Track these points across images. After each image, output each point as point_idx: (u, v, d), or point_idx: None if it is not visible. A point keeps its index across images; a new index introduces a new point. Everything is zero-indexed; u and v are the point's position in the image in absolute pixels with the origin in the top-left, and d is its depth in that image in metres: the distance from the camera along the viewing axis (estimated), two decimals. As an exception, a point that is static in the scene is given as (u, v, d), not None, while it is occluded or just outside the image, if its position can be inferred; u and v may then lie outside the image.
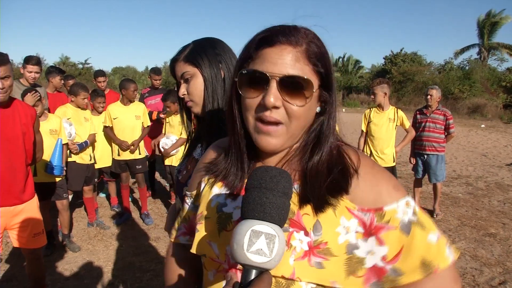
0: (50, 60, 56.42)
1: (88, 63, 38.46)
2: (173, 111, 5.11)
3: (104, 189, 6.38)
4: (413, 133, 5.45)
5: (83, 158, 4.80)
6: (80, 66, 37.84)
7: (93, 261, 4.13)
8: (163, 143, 5.16)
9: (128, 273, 3.86)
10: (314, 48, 0.83)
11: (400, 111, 5.18)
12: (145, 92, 6.59)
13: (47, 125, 4.04)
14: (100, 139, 5.21)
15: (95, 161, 5.11)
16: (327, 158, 0.87)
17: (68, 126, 4.44)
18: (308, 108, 0.83)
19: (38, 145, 3.01)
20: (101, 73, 6.32)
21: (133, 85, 5.18)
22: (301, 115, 0.82)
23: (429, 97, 5.60)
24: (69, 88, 5.02)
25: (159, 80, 6.48)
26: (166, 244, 4.53)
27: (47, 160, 3.88)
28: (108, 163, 5.33)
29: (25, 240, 2.91)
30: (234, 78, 0.88)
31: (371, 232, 0.82)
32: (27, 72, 4.71)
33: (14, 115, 2.74)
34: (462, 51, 34.75)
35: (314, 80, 0.82)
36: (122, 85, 5.24)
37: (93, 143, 5.00)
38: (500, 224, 5.39)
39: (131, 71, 43.82)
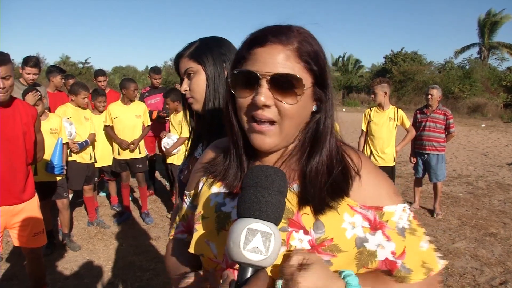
0: (51, 60, 56.53)
1: (88, 63, 38.46)
2: (171, 109, 5.12)
3: (105, 188, 6.38)
4: (413, 132, 5.45)
5: (83, 157, 4.80)
6: (81, 65, 37.81)
7: (93, 260, 4.13)
8: (165, 143, 5.17)
9: (128, 272, 3.86)
10: (306, 46, 0.82)
11: (400, 111, 5.18)
12: (145, 91, 6.60)
13: (48, 124, 4.04)
14: (101, 138, 5.22)
15: (96, 160, 5.12)
16: (327, 158, 0.86)
17: (69, 126, 4.44)
18: (301, 107, 0.82)
19: (39, 145, 3.01)
20: (101, 72, 6.33)
21: (133, 85, 5.18)
22: (293, 113, 0.82)
23: (429, 96, 5.60)
24: (70, 87, 5.01)
25: (158, 79, 6.49)
26: (166, 243, 4.53)
27: (47, 159, 3.88)
28: (108, 162, 5.34)
29: (26, 239, 2.91)
30: (227, 78, 0.88)
31: (376, 226, 0.83)
32: (25, 74, 4.70)
33: (15, 114, 2.74)
34: (462, 50, 34.75)
35: (306, 78, 0.81)
36: (122, 85, 5.25)
37: (93, 143, 5.00)
38: (500, 224, 5.39)
39: (131, 70, 43.80)
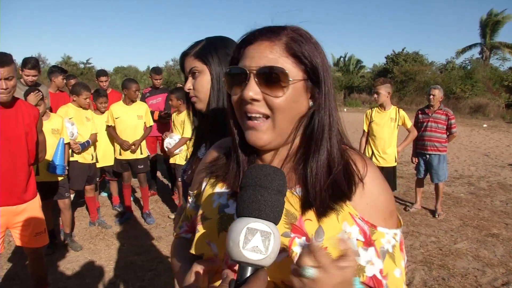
0: (53, 60, 56.53)
1: (90, 63, 38.61)
2: (174, 106, 5.15)
3: (106, 189, 6.39)
4: (415, 132, 5.44)
5: (85, 157, 4.80)
6: (82, 65, 37.93)
7: (94, 260, 4.13)
8: (167, 143, 5.18)
9: (130, 272, 3.87)
10: (296, 41, 0.82)
11: (401, 111, 5.18)
12: (146, 91, 6.61)
13: (49, 124, 4.05)
14: (103, 138, 5.23)
15: (97, 160, 5.13)
16: (327, 158, 0.85)
17: (70, 126, 4.45)
18: (291, 100, 0.82)
19: (41, 145, 3.01)
20: (103, 72, 6.34)
21: (134, 85, 5.19)
22: (283, 107, 0.81)
23: (431, 96, 5.59)
24: (71, 87, 5.01)
25: (159, 79, 6.49)
26: (167, 244, 4.54)
27: (49, 159, 3.89)
28: (110, 162, 5.34)
29: (27, 239, 2.91)
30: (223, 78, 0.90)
31: (370, 242, 0.83)
32: (24, 76, 4.68)
33: (17, 115, 2.75)
34: (464, 50, 34.70)
35: (293, 72, 0.81)
36: (124, 85, 5.26)
37: (95, 143, 5.01)
38: (502, 224, 5.38)
39: (132, 70, 43.88)
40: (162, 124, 6.12)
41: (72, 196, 5.03)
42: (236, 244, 0.65)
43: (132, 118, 5.17)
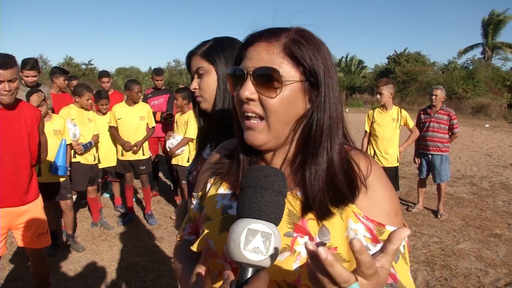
0: (54, 61, 56.54)
1: (91, 64, 38.61)
2: (178, 106, 5.14)
3: (108, 190, 6.40)
4: (417, 133, 5.43)
5: (87, 158, 4.81)
6: (84, 66, 37.98)
7: (97, 261, 4.14)
8: (169, 144, 5.19)
9: (132, 273, 3.87)
10: (296, 43, 0.82)
11: (403, 111, 5.17)
12: (148, 92, 6.61)
13: (51, 125, 4.06)
14: (105, 139, 5.23)
15: (99, 161, 5.13)
16: (327, 161, 0.83)
17: (73, 127, 4.45)
18: (285, 101, 0.81)
19: (43, 146, 3.02)
20: (105, 73, 6.35)
21: (137, 87, 5.19)
22: (277, 108, 0.81)
23: (434, 97, 5.59)
24: (73, 88, 5.02)
25: (161, 80, 6.50)
26: (169, 244, 4.54)
27: (51, 160, 3.90)
28: (112, 163, 5.35)
29: (29, 240, 2.92)
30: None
31: (377, 239, 0.81)
32: (24, 77, 4.68)
33: (19, 116, 2.76)
34: (465, 50, 34.64)
35: (289, 73, 0.80)
36: (126, 86, 5.27)
37: (97, 144, 5.02)
38: (505, 225, 5.37)
39: (134, 71, 43.88)
40: (166, 125, 6.13)
41: (74, 197, 5.04)
42: (237, 245, 0.65)
43: (134, 119, 5.18)
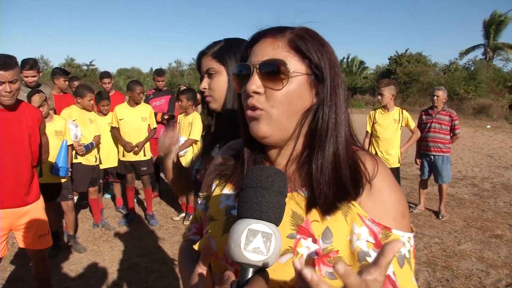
0: (56, 62, 56.63)
1: (93, 65, 38.68)
2: (182, 107, 5.12)
3: (110, 190, 6.40)
4: (418, 133, 5.43)
5: (88, 159, 4.82)
6: (85, 67, 38.04)
7: (98, 262, 4.14)
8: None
9: (133, 274, 3.87)
10: (301, 38, 0.82)
11: (405, 112, 5.16)
12: (150, 93, 6.61)
13: (52, 126, 4.06)
14: (106, 139, 5.23)
15: (101, 162, 5.14)
16: (334, 158, 0.83)
17: (74, 128, 4.46)
18: (291, 94, 0.81)
19: (44, 147, 3.02)
20: (106, 74, 6.35)
21: (139, 88, 5.18)
22: (282, 99, 0.81)
23: (435, 97, 5.58)
24: (75, 89, 5.02)
25: (162, 81, 6.50)
26: (171, 245, 4.54)
27: (52, 161, 3.90)
28: (113, 164, 5.35)
29: (31, 241, 2.92)
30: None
31: (380, 244, 0.79)
32: (24, 77, 4.67)
33: (20, 117, 2.76)
34: (467, 51, 34.62)
35: (295, 65, 0.81)
36: (128, 87, 5.27)
37: (98, 145, 5.02)
38: (506, 226, 5.36)
39: (135, 72, 43.92)
40: (161, 127, 6.10)
41: (76, 198, 5.04)
42: (238, 245, 0.65)
43: (136, 120, 5.18)
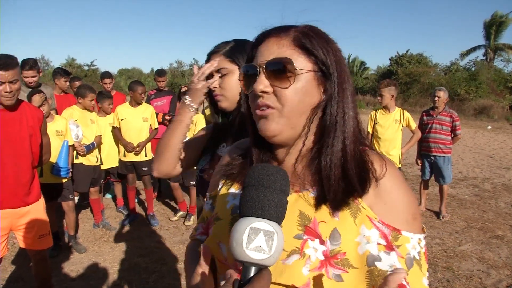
0: (56, 62, 56.76)
1: (94, 65, 38.64)
2: None
3: (110, 190, 6.40)
4: (419, 134, 5.42)
5: (89, 159, 4.82)
6: (86, 67, 38.03)
7: (99, 262, 4.14)
8: None
9: (134, 274, 3.87)
10: (305, 35, 0.82)
11: (406, 112, 5.16)
12: (151, 94, 6.62)
13: (53, 126, 4.07)
14: (107, 140, 5.24)
15: (102, 162, 5.14)
16: (343, 154, 0.83)
17: (75, 128, 4.46)
18: (300, 91, 0.81)
19: (45, 147, 3.02)
20: (107, 74, 6.35)
21: (140, 88, 5.18)
22: (291, 97, 0.81)
23: (436, 98, 5.58)
24: (76, 90, 5.02)
25: (163, 81, 6.50)
26: (171, 246, 4.55)
27: (53, 161, 3.90)
28: (114, 164, 5.35)
29: (31, 241, 2.92)
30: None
31: (392, 246, 0.78)
32: (24, 78, 4.67)
33: (21, 117, 2.76)
34: (468, 52, 34.61)
35: (301, 62, 0.81)
36: (130, 87, 5.27)
37: (99, 145, 5.03)
38: (507, 226, 5.35)
39: (136, 72, 43.91)
40: (162, 127, 6.11)
41: (77, 198, 5.04)
42: (239, 244, 0.65)
43: (137, 120, 5.18)
